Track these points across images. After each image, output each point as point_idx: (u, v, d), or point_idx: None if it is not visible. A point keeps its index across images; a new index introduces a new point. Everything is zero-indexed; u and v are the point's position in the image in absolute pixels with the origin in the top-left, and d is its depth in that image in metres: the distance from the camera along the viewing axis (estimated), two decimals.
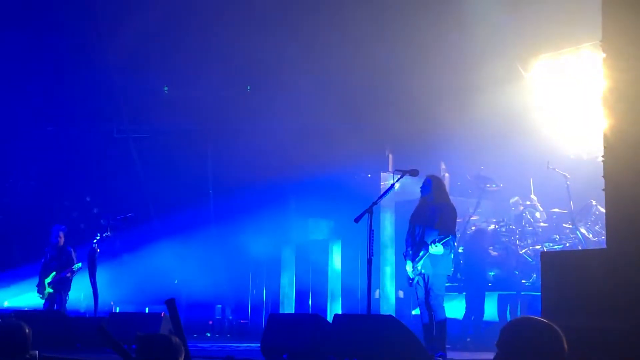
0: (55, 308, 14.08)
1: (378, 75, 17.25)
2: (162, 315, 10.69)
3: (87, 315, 14.23)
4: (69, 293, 14.35)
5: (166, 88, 19.49)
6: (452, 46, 16.41)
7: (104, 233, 14.01)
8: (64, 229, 14.68)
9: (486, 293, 13.71)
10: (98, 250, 14.00)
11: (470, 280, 13.79)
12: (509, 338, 3.95)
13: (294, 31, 17.35)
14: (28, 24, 17.41)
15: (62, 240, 14.55)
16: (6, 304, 17.76)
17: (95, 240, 13.98)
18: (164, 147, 18.88)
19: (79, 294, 15.70)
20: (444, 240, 9.59)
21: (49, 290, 14.23)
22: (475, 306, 13.50)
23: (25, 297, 17.60)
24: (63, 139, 19.44)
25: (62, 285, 14.27)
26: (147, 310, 16.61)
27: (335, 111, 17.46)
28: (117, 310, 16.53)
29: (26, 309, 15.73)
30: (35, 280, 14.49)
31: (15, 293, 17.85)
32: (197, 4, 17.02)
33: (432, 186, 10.19)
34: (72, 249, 14.48)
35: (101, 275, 14.27)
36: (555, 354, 3.89)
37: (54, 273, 14.27)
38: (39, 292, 14.36)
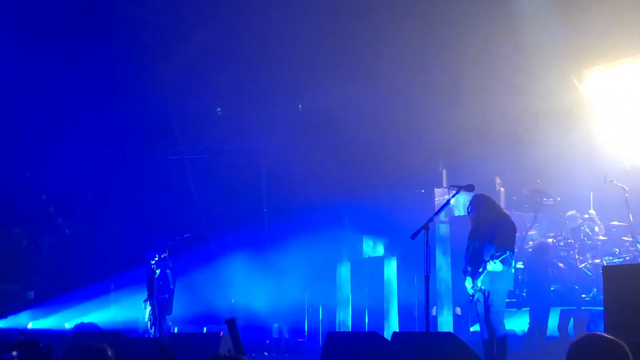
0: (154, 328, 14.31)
1: (431, 91, 17.22)
2: (221, 334, 10.73)
3: (146, 336, 14.35)
4: (166, 316, 14.59)
5: (219, 109, 19.68)
6: (505, 60, 16.33)
7: (162, 254, 14.14)
8: (160, 252, 14.79)
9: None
10: (157, 271, 14.14)
11: (533, 295, 13.60)
12: (577, 357, 3.93)
13: (343, 48, 17.44)
14: (83, 50, 17.75)
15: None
16: (30, 325, 17.99)
17: (153, 262, 14.12)
18: (218, 168, 19.04)
19: (137, 314, 15.87)
20: (502, 257, 9.50)
21: (148, 308, 14.46)
22: (539, 321, 13.31)
23: (51, 318, 17.85)
24: (120, 161, 19.73)
25: (160, 307, 14.46)
26: (205, 330, 16.70)
27: (388, 127, 17.44)
28: (176, 331, 16.65)
29: (85, 329, 15.92)
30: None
31: (41, 315, 18.13)
32: (250, 25, 17.20)
33: (473, 205, 10.15)
34: (169, 271, 14.59)
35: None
36: None
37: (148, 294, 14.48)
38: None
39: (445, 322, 14.99)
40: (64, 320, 17.98)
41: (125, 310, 17.58)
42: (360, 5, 16.79)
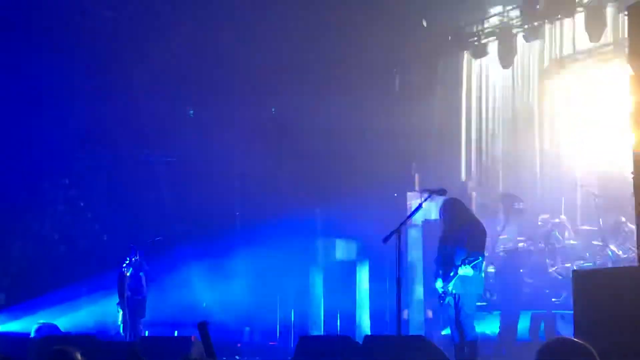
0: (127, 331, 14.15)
1: (403, 97, 17.30)
2: (192, 338, 10.67)
3: (117, 340, 14.24)
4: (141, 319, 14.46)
5: (192, 112, 19.60)
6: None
7: (133, 257, 14.04)
8: (131, 255, 14.55)
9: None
10: (128, 274, 14.03)
11: (504, 299, 13.70)
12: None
13: (314, 53, 17.48)
14: (57, 52, 17.61)
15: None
16: None
17: (124, 265, 14.02)
18: (190, 171, 18.94)
19: (110, 317, 15.76)
20: (473, 263, 9.55)
21: (120, 311, 14.29)
22: (509, 325, 13.39)
23: (17, 322, 17.68)
24: (90, 163, 19.57)
25: (133, 310, 14.30)
26: (175, 333, 16.61)
27: (361, 132, 17.47)
28: (146, 334, 16.54)
29: (47, 332, 15.74)
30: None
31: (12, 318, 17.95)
32: (224, 27, 17.19)
33: (445, 209, 10.20)
34: (142, 274, 14.44)
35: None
36: None
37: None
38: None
39: (416, 326, 15.06)
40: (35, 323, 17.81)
41: (97, 313, 17.43)
42: (330, 11, 16.84)
